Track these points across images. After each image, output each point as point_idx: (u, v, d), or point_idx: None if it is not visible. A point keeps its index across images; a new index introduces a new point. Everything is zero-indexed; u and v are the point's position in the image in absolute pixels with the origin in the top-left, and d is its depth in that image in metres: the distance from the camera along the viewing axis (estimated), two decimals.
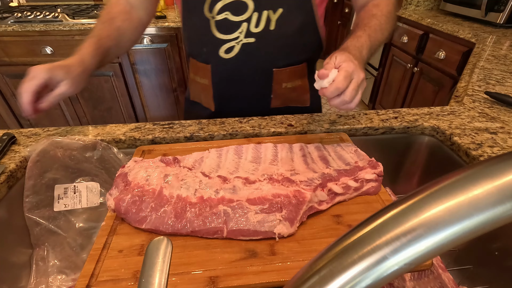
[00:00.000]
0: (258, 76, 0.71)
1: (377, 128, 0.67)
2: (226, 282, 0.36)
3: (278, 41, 0.68)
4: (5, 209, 0.52)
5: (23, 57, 1.70)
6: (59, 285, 0.54)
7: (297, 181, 0.47)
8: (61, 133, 0.65)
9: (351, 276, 0.13)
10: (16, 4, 2.07)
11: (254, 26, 0.65)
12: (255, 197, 0.45)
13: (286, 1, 0.64)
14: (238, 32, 0.65)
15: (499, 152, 0.56)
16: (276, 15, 0.64)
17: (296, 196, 0.45)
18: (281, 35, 0.67)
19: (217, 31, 0.66)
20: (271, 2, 0.64)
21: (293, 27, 0.67)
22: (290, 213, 0.42)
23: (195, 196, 0.46)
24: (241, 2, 0.63)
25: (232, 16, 0.64)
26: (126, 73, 1.84)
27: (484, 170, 0.13)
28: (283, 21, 0.65)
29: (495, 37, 1.39)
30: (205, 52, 0.70)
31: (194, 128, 0.66)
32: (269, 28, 0.65)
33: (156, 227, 0.42)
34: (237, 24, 0.65)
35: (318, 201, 0.46)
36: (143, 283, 0.23)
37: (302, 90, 0.77)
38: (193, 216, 0.43)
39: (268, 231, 0.41)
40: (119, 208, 0.44)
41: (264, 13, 0.64)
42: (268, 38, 0.66)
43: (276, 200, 0.44)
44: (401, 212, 0.13)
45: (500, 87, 0.83)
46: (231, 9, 0.64)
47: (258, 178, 0.49)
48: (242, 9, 0.64)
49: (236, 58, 0.68)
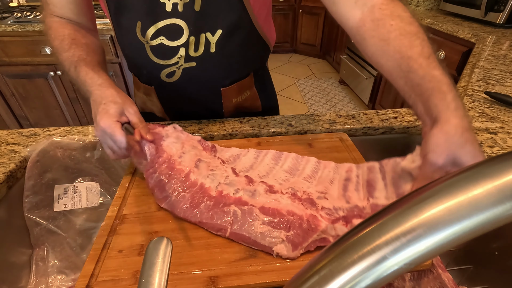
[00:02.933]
0: (206, 96, 0.68)
1: (377, 128, 0.67)
2: (226, 282, 0.36)
3: (222, 62, 0.62)
4: (5, 209, 0.52)
5: (23, 57, 1.70)
6: (59, 285, 0.54)
7: (319, 206, 0.43)
8: (61, 133, 0.65)
9: (351, 276, 0.13)
10: (16, 4, 2.07)
11: (193, 51, 0.59)
12: (270, 207, 0.43)
13: (224, 21, 0.57)
14: (177, 57, 0.60)
15: (499, 152, 0.56)
16: (215, 37, 0.58)
17: (309, 221, 0.41)
18: (224, 56, 0.61)
19: (154, 56, 0.60)
20: (208, 24, 0.57)
21: (236, 45, 0.61)
22: (296, 237, 0.39)
23: (216, 189, 0.46)
24: (175, 25, 0.56)
25: (168, 41, 0.58)
26: (126, 73, 1.84)
27: (484, 170, 0.13)
28: (224, 42, 0.59)
29: (494, 37, 1.39)
30: (146, 74, 0.66)
31: (194, 128, 0.66)
32: (210, 51, 0.60)
33: (172, 209, 0.45)
34: (174, 49, 0.59)
35: (336, 235, 0.41)
36: (143, 283, 0.23)
37: (252, 99, 0.74)
38: (205, 208, 0.43)
39: (267, 246, 0.39)
40: (147, 183, 0.48)
41: (202, 36, 0.58)
42: (210, 61, 0.61)
43: (288, 218, 0.41)
44: (401, 212, 0.13)
45: (500, 87, 0.83)
46: (165, 34, 0.57)
47: (282, 190, 0.46)
48: (177, 34, 0.57)
49: (180, 81, 0.63)
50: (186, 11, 0.55)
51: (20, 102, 1.85)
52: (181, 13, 0.55)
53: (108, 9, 0.58)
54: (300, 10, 3.67)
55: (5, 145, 0.60)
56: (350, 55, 2.85)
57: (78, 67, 0.52)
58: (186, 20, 0.56)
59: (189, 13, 0.55)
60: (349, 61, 2.82)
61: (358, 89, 2.70)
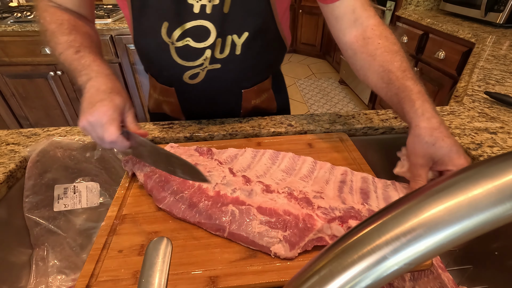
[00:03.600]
0: (226, 97, 0.68)
1: (377, 128, 0.67)
2: (226, 282, 0.36)
3: (245, 64, 0.63)
4: (5, 209, 0.52)
5: (23, 57, 1.70)
6: (59, 285, 0.54)
7: (315, 205, 0.44)
8: (61, 133, 0.65)
9: (351, 276, 0.13)
10: (16, 4, 2.07)
11: (219, 53, 0.59)
12: (267, 207, 0.43)
13: (252, 23, 0.58)
14: (202, 59, 0.59)
15: (499, 152, 0.56)
16: (241, 39, 0.58)
17: (305, 221, 0.41)
18: (248, 58, 0.62)
19: (179, 57, 0.59)
20: (235, 27, 0.57)
21: (260, 48, 0.62)
22: (293, 236, 0.39)
23: (213, 190, 0.47)
24: (202, 27, 0.56)
25: (194, 42, 0.57)
26: (126, 73, 1.84)
27: (484, 170, 0.13)
28: (250, 44, 0.59)
29: (494, 37, 1.39)
30: (166, 75, 0.65)
31: (194, 128, 0.66)
32: (235, 53, 0.60)
33: (170, 209, 0.45)
34: (200, 51, 0.58)
35: (332, 234, 0.41)
36: (143, 283, 0.23)
37: (270, 100, 0.75)
38: (204, 208, 0.44)
39: (265, 246, 0.39)
40: (146, 185, 0.49)
41: (229, 38, 0.58)
42: (234, 63, 0.61)
43: (285, 217, 0.42)
44: (401, 212, 0.13)
45: (500, 87, 0.83)
46: (192, 35, 0.57)
47: (278, 189, 0.47)
48: (204, 35, 0.57)
49: (203, 83, 0.63)
50: (214, 13, 0.55)
51: (20, 102, 1.85)
52: (209, 15, 0.55)
53: (132, 8, 0.56)
54: (300, 10, 3.67)
55: (5, 145, 0.60)
56: None
57: (81, 52, 0.50)
58: (214, 22, 0.56)
59: (218, 15, 0.55)
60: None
61: (358, 89, 2.70)
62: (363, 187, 0.48)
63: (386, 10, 2.13)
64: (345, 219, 0.42)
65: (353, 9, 0.53)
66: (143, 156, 0.49)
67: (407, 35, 1.92)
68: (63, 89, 1.83)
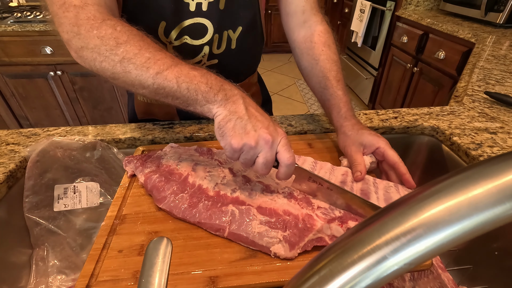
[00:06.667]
0: None
1: (377, 128, 0.67)
2: (226, 282, 0.36)
3: (240, 58, 0.66)
4: (5, 209, 0.52)
5: (23, 57, 1.70)
6: (59, 285, 0.54)
7: (315, 206, 0.44)
8: (61, 133, 0.65)
9: (351, 276, 0.13)
10: (16, 4, 2.07)
11: (216, 48, 0.61)
12: (266, 207, 0.44)
13: (244, 17, 0.61)
14: (201, 56, 0.60)
15: (499, 152, 0.56)
16: (236, 34, 0.61)
17: (304, 221, 0.41)
18: (242, 51, 0.65)
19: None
20: (230, 22, 0.59)
21: (251, 41, 0.65)
22: (293, 236, 0.40)
23: (213, 190, 0.47)
24: (199, 24, 0.57)
25: (192, 40, 0.58)
26: None
27: (484, 170, 0.13)
28: (243, 38, 0.63)
29: (494, 37, 1.39)
30: None
31: (194, 128, 0.66)
32: (231, 47, 0.62)
33: (170, 209, 0.45)
34: (199, 48, 0.59)
35: (331, 235, 0.41)
36: (143, 283, 0.23)
37: (257, 94, 0.78)
38: (204, 208, 0.44)
39: (265, 246, 0.39)
40: (146, 185, 0.49)
41: (225, 33, 0.60)
42: (230, 57, 0.64)
43: (284, 218, 0.42)
44: (401, 212, 0.13)
45: (500, 87, 0.83)
46: (189, 33, 0.57)
47: (278, 189, 0.47)
48: (202, 33, 0.58)
49: None
50: (210, 10, 0.56)
51: (20, 102, 1.85)
52: (205, 12, 0.56)
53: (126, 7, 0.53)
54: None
55: (5, 145, 0.60)
56: (350, 55, 2.85)
57: (197, 67, 0.43)
58: (210, 18, 0.57)
59: (214, 11, 0.56)
60: (349, 61, 2.82)
61: (358, 89, 2.70)
62: (363, 188, 0.48)
63: (386, 10, 2.12)
64: (344, 219, 0.42)
65: (303, 10, 0.60)
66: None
67: (407, 35, 1.92)
68: (63, 89, 1.83)
